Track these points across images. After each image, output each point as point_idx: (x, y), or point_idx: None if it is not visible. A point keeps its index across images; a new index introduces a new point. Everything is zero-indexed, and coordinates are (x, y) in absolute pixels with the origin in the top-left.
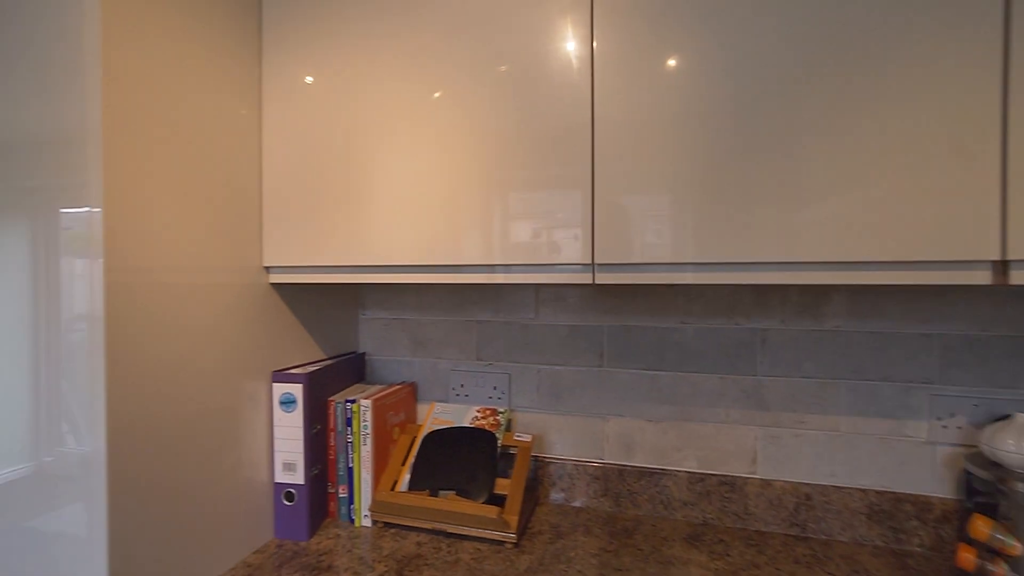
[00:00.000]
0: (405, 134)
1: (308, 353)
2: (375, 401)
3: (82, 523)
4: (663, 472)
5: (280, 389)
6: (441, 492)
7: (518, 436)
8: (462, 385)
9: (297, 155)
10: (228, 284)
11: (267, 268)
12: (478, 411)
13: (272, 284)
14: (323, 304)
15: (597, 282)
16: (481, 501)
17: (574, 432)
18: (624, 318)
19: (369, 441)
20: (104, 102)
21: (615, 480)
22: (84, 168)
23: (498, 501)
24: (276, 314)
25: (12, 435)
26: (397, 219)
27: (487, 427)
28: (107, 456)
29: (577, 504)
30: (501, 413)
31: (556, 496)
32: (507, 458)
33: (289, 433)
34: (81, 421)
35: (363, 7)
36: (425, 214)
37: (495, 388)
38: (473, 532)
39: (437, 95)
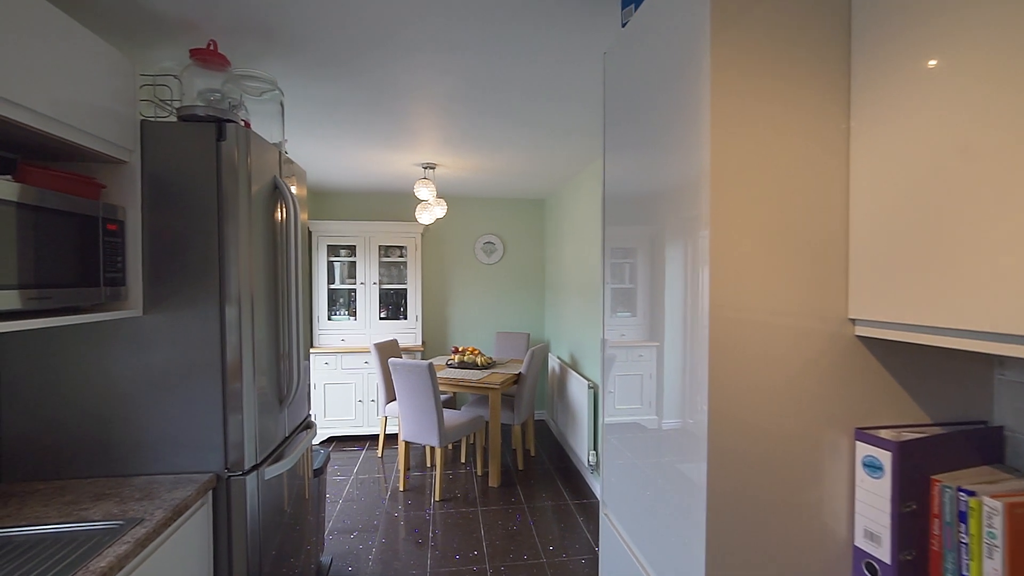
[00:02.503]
0: None
1: (904, 414)
2: (1011, 507)
3: (698, 475)
4: None
5: (863, 450)
6: None
7: None
8: None
9: (890, 206)
10: (806, 329)
11: (852, 320)
12: None
13: (858, 336)
14: (930, 359)
15: None
16: None
17: None
18: None
19: (998, 556)
20: (712, 155)
21: None
22: (700, 204)
23: None
24: (863, 367)
25: (672, 395)
26: None
27: None
28: (708, 432)
29: None
30: None
31: None
32: None
33: (872, 500)
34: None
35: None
36: None
37: None
38: None
39: None
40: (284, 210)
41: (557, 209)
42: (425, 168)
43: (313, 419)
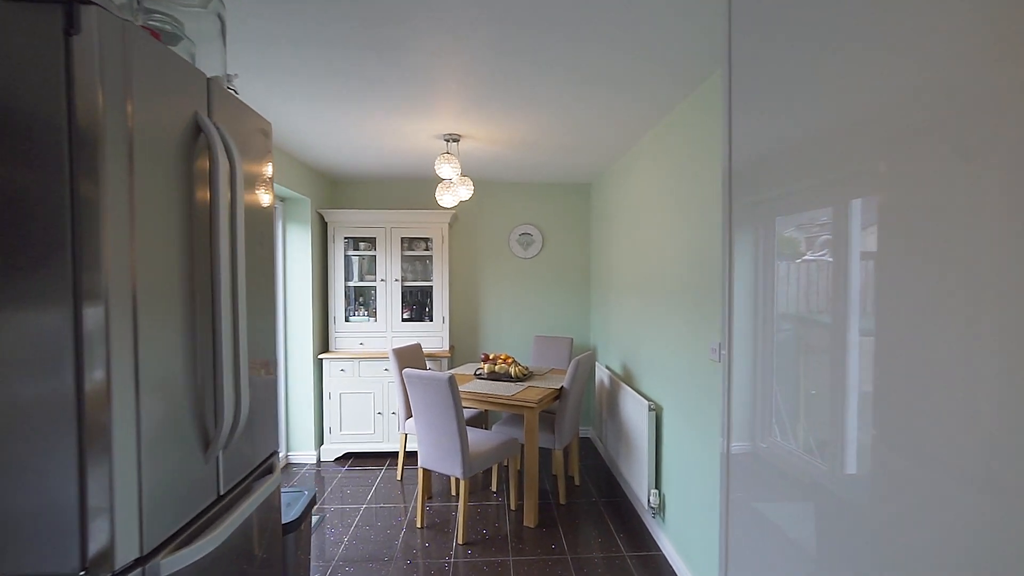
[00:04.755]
0: None
1: None
2: None
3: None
4: None
5: None
6: None
7: None
8: None
9: None
10: None
11: None
12: None
13: None
14: None
15: None
16: None
17: None
18: None
19: None
20: None
21: None
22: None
23: None
24: None
25: (742, 412)
26: None
27: None
28: None
29: None
30: None
31: None
32: None
33: None
34: (787, 418)
35: None
36: None
37: None
38: None
39: None
40: (212, 165)
41: (606, 193)
42: (448, 141)
43: (278, 457)
